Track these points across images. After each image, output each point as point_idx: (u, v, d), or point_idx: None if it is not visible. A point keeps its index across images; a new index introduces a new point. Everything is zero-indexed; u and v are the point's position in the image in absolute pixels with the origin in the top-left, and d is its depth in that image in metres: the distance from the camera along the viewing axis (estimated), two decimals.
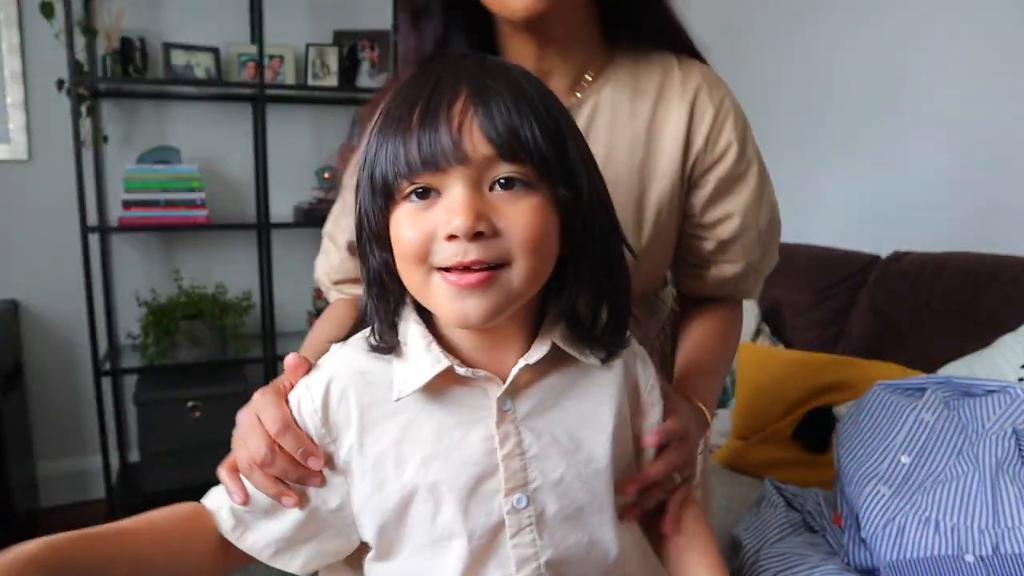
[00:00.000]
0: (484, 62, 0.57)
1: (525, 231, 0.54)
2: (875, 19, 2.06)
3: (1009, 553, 0.94)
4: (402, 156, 0.54)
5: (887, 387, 1.21)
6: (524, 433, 0.59)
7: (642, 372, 0.66)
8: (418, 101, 0.54)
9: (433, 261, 0.54)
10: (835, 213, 2.21)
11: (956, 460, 1.05)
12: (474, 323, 0.55)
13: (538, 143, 0.54)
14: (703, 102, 0.80)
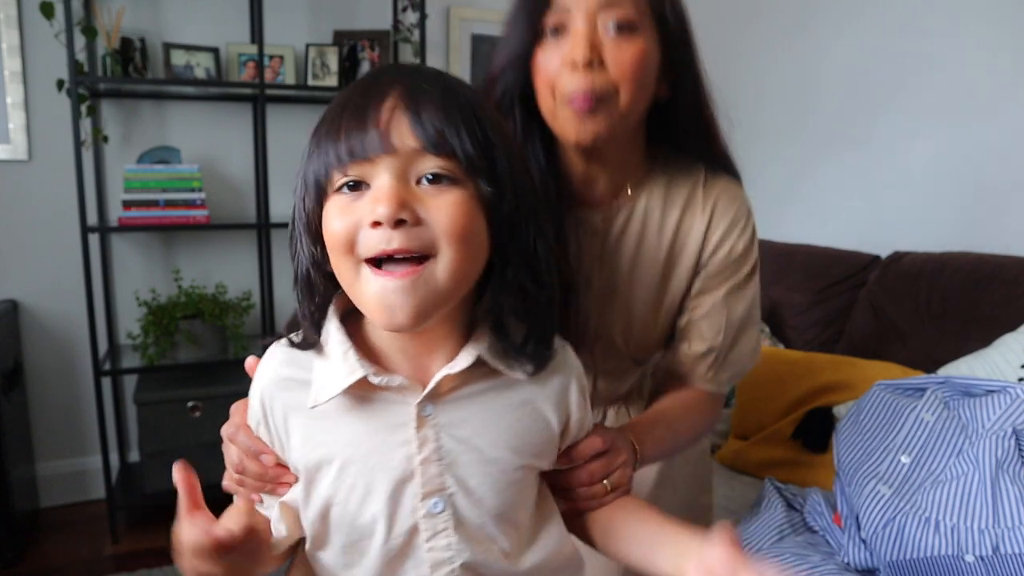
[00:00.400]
0: (420, 69, 0.61)
1: (449, 221, 0.55)
2: (875, 18, 2.06)
3: (1009, 553, 0.94)
4: (333, 150, 0.57)
5: (887, 387, 1.21)
6: (443, 439, 0.60)
7: (576, 403, 0.67)
8: (351, 100, 0.58)
9: (359, 251, 0.55)
10: (835, 213, 2.21)
11: (956, 460, 1.05)
12: (401, 323, 0.55)
13: (464, 141, 0.55)
14: (720, 213, 0.89)
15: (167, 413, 2.32)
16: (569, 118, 0.79)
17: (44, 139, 2.37)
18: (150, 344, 2.31)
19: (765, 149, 2.44)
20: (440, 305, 0.57)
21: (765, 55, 2.45)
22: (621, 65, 0.77)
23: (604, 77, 0.77)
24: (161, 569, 2.11)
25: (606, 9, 0.76)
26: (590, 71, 0.76)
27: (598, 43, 0.77)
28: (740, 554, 0.55)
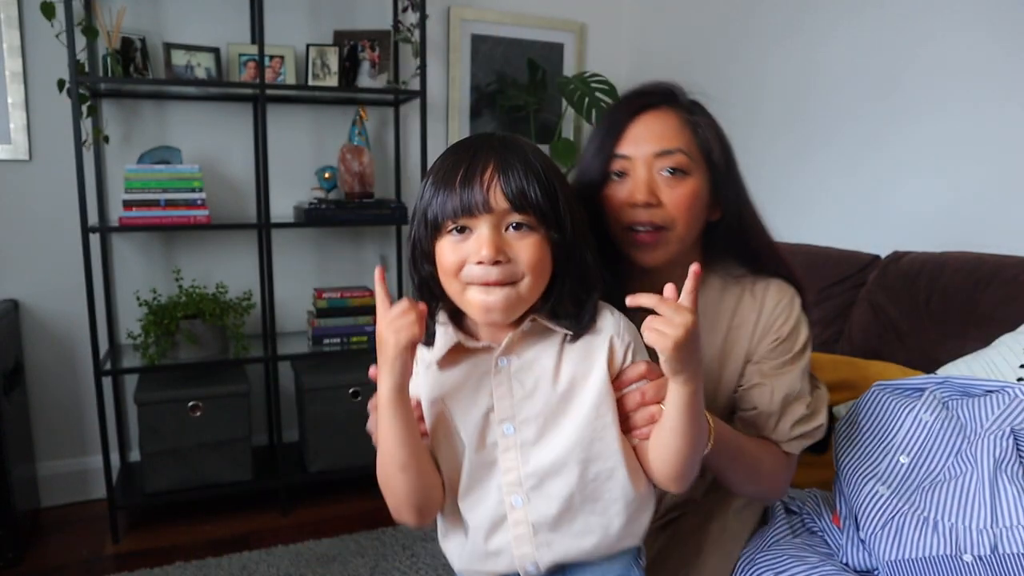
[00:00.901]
0: (506, 141, 0.83)
1: (529, 258, 0.80)
2: (875, 15, 2.06)
3: (1007, 553, 0.94)
4: (448, 204, 0.79)
5: (885, 388, 1.21)
6: (514, 382, 0.84)
7: (618, 352, 0.86)
8: (460, 167, 0.79)
9: (465, 277, 0.80)
10: (835, 213, 2.21)
11: (954, 460, 1.05)
12: (498, 322, 0.83)
13: (539, 200, 0.79)
14: (767, 308, 1.05)
15: (168, 413, 2.32)
16: (633, 244, 0.99)
17: (45, 139, 2.37)
18: (151, 344, 2.31)
19: (763, 149, 2.44)
20: (521, 309, 0.82)
21: (763, 54, 2.45)
22: (676, 202, 0.96)
23: (663, 213, 0.97)
24: (162, 568, 2.12)
25: (661, 159, 0.96)
26: (649, 210, 0.96)
27: (655, 186, 0.96)
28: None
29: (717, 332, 1.05)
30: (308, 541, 2.29)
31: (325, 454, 2.54)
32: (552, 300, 0.84)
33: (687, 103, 1.02)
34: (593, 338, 0.85)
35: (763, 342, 1.04)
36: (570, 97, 2.66)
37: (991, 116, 1.78)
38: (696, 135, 0.99)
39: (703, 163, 0.99)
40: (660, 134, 0.98)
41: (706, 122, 1.01)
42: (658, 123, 0.98)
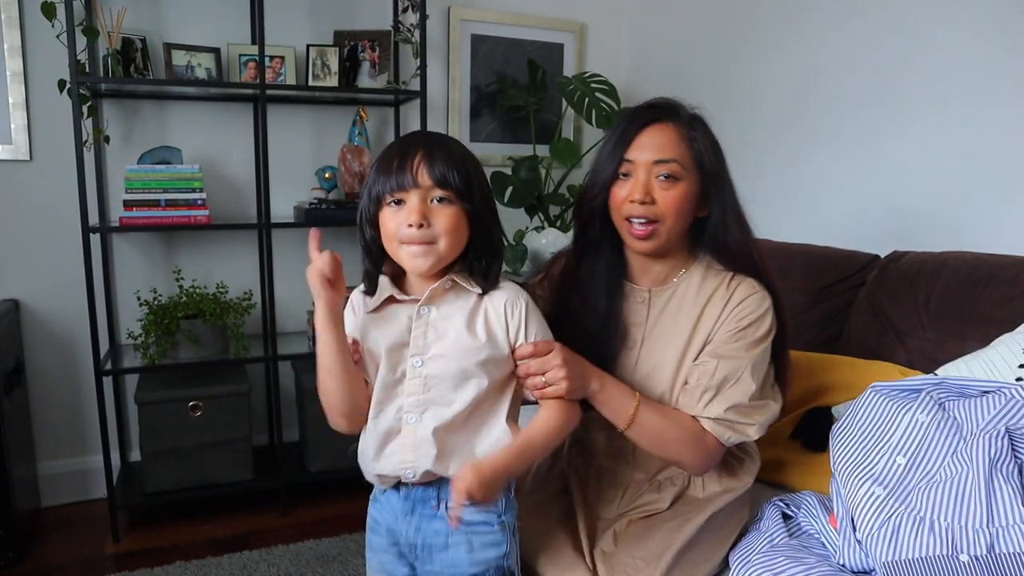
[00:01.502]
0: (433, 136, 1.07)
1: (447, 224, 1.02)
2: (875, 15, 2.06)
3: (1004, 552, 0.94)
4: (387, 183, 1.02)
5: (881, 389, 1.21)
6: (429, 327, 1.07)
7: (511, 315, 1.08)
8: (396, 155, 1.03)
9: (400, 237, 1.02)
10: (834, 213, 2.21)
11: (950, 460, 1.05)
12: (421, 270, 1.04)
13: (455, 180, 1.01)
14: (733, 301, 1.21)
15: (168, 412, 2.33)
16: (629, 234, 1.19)
17: (45, 139, 2.38)
18: (151, 344, 2.31)
19: (763, 148, 2.44)
20: (440, 264, 1.04)
21: (763, 54, 2.45)
22: (667, 202, 1.16)
23: (655, 210, 1.16)
24: (162, 568, 2.12)
25: (658, 167, 1.16)
26: (644, 206, 1.16)
27: (651, 188, 1.16)
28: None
29: (690, 316, 1.22)
30: (308, 541, 2.29)
31: (325, 454, 2.54)
32: (467, 262, 1.07)
33: (687, 118, 1.20)
34: (496, 305, 1.08)
35: (722, 329, 1.19)
36: (570, 97, 2.66)
37: (991, 116, 1.78)
38: (691, 147, 1.18)
39: (695, 170, 1.18)
40: (660, 145, 1.17)
41: (702, 136, 1.19)
42: (660, 136, 1.18)
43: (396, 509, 1.12)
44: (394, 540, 1.13)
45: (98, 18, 2.26)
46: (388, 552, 1.14)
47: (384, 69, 2.63)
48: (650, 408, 1.17)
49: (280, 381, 2.59)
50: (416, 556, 1.11)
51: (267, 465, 2.59)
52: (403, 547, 1.12)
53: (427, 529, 1.09)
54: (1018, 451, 1.03)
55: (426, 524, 1.09)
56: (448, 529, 1.07)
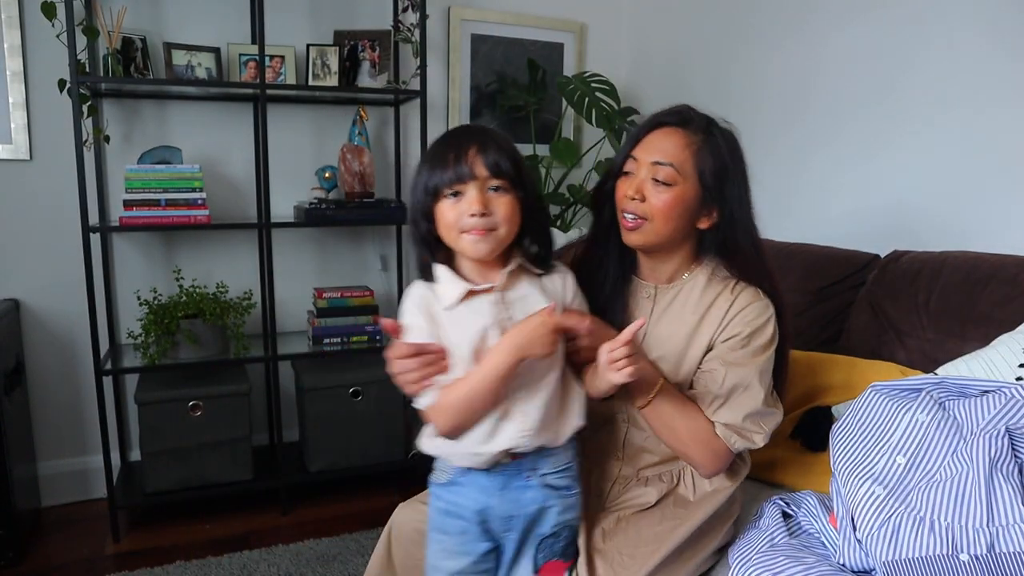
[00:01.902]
0: (482, 129, 1.11)
1: (504, 212, 1.07)
2: (875, 15, 2.06)
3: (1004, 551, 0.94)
4: (444, 176, 1.06)
5: (881, 389, 1.21)
6: (512, 308, 1.11)
7: (567, 288, 1.18)
8: (451, 150, 1.07)
9: (460, 227, 1.06)
10: (834, 213, 2.21)
11: (950, 460, 1.05)
12: (483, 255, 1.08)
13: (509, 169, 1.07)
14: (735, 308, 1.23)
15: (168, 412, 2.33)
16: (622, 225, 1.24)
17: (46, 139, 2.38)
18: (151, 343, 2.31)
19: (763, 148, 2.44)
20: (499, 248, 1.09)
21: (764, 54, 2.45)
22: (656, 203, 1.19)
23: (644, 208, 1.20)
24: (162, 568, 2.12)
25: (655, 168, 1.20)
26: (635, 203, 1.20)
27: (645, 189, 1.20)
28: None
29: (691, 318, 1.24)
30: (308, 540, 2.30)
31: (325, 453, 2.54)
32: (524, 247, 1.14)
33: (702, 128, 1.22)
34: (555, 284, 1.17)
35: (724, 333, 1.21)
36: (570, 97, 2.66)
37: (991, 116, 1.78)
38: (695, 156, 1.19)
39: (694, 179, 1.20)
40: (662, 148, 1.20)
41: (713, 149, 1.20)
42: (665, 140, 1.21)
43: (487, 488, 1.14)
44: (483, 518, 1.15)
45: (98, 18, 2.26)
46: (469, 532, 1.16)
47: (384, 69, 2.63)
48: (670, 395, 1.19)
49: (280, 381, 2.59)
50: (509, 527, 1.16)
51: (267, 465, 2.59)
52: (495, 522, 1.15)
53: (523, 499, 1.15)
54: (1018, 451, 1.03)
55: (521, 494, 1.15)
56: (542, 496, 1.15)
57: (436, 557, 1.19)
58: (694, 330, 1.23)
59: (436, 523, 1.19)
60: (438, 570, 1.18)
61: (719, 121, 1.25)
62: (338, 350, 2.56)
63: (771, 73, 2.43)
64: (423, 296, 1.13)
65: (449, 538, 1.17)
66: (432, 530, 1.20)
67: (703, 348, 1.23)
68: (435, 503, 1.20)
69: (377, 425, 2.59)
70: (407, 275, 2.92)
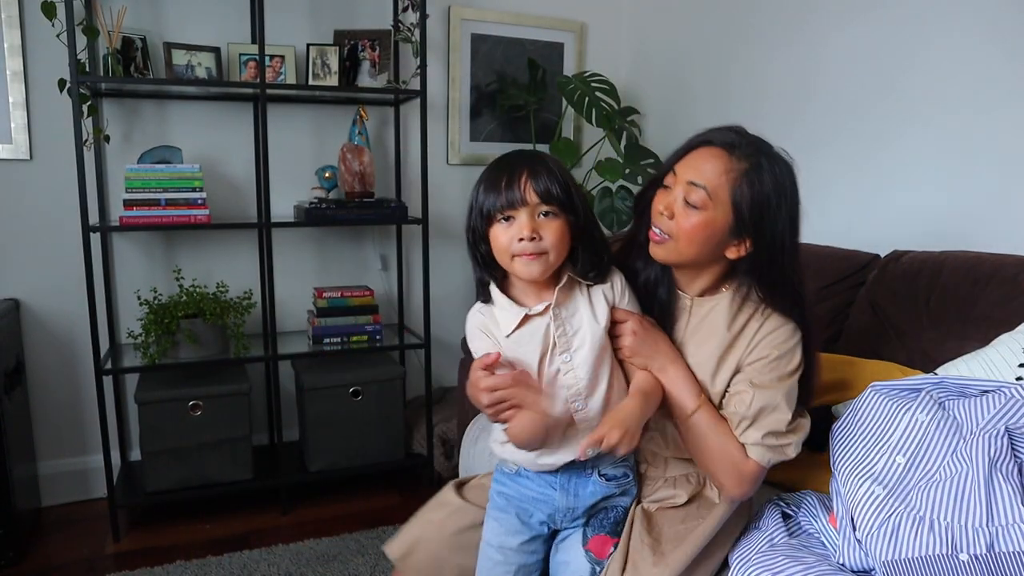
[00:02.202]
0: (534, 155, 1.15)
1: (554, 236, 1.12)
2: (875, 15, 2.06)
3: (1003, 551, 0.94)
4: (497, 201, 1.11)
5: (881, 388, 1.21)
6: (566, 324, 1.17)
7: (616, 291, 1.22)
8: (503, 175, 1.12)
9: (512, 251, 1.12)
10: (834, 212, 2.21)
11: (950, 459, 1.05)
12: (534, 277, 1.13)
13: (559, 195, 1.11)
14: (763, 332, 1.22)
15: (168, 412, 2.33)
16: (651, 239, 1.23)
17: (46, 139, 2.38)
18: (151, 343, 2.31)
19: None
20: (550, 271, 1.14)
21: (764, 54, 2.45)
22: (682, 224, 1.17)
23: (671, 226, 1.18)
24: (162, 567, 2.12)
25: (689, 189, 1.16)
26: (664, 219, 1.19)
27: (675, 207, 1.18)
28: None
29: (723, 337, 1.23)
30: (308, 540, 2.30)
31: (325, 453, 2.54)
32: (578, 264, 1.17)
33: (748, 155, 1.17)
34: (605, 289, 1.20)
35: (752, 355, 1.20)
36: (570, 97, 2.66)
37: (991, 116, 1.78)
38: (731, 183, 1.15)
39: (727, 207, 1.16)
40: (700, 169, 1.16)
41: (755, 179, 1.16)
42: (706, 161, 1.17)
43: (550, 482, 1.22)
44: (544, 509, 1.23)
45: (98, 17, 2.26)
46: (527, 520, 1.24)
47: (384, 68, 2.63)
48: (708, 415, 1.20)
49: (280, 380, 2.59)
50: (570, 518, 1.23)
51: (267, 464, 2.59)
52: (557, 513, 1.23)
53: (584, 493, 1.21)
54: (1018, 450, 1.03)
55: (582, 489, 1.21)
56: (602, 489, 1.22)
57: (492, 534, 1.26)
58: (725, 351, 1.23)
59: (497, 505, 1.27)
60: (491, 545, 1.25)
61: (775, 151, 1.21)
62: (338, 350, 2.56)
63: (771, 73, 2.43)
64: (483, 323, 1.21)
65: (507, 519, 1.25)
66: (492, 509, 1.27)
67: (732, 370, 1.22)
68: (498, 487, 1.27)
69: (377, 425, 2.59)
70: (407, 275, 2.93)
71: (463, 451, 1.98)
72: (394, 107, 2.81)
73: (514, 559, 1.24)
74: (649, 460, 1.32)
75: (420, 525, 1.35)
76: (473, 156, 3.00)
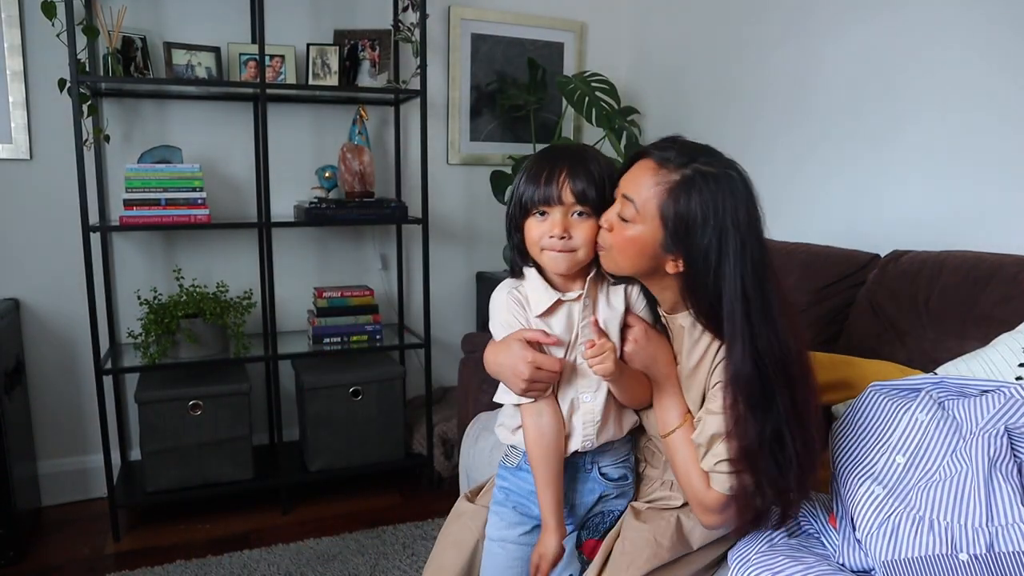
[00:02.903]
0: (577, 153, 1.18)
1: (584, 236, 1.15)
2: (875, 15, 2.06)
3: (1003, 551, 0.94)
4: (535, 195, 1.15)
5: (881, 388, 1.21)
6: (592, 313, 1.19)
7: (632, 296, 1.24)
8: (544, 170, 1.15)
9: (543, 244, 1.16)
10: (835, 212, 2.21)
11: (950, 459, 1.05)
12: (560, 272, 1.18)
13: (594, 198, 1.14)
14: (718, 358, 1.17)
15: (168, 412, 2.33)
16: None
17: (46, 138, 2.38)
18: (151, 343, 2.31)
19: (763, 148, 2.44)
20: (576, 268, 1.18)
21: (764, 53, 2.45)
22: (615, 239, 1.15)
23: (608, 239, 1.16)
24: (162, 567, 2.12)
25: (623, 202, 1.14)
26: (603, 232, 1.17)
27: (612, 220, 1.15)
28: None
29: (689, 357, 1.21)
30: (308, 540, 2.30)
31: (325, 453, 2.55)
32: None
33: (679, 167, 1.10)
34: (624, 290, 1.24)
35: (712, 379, 1.17)
36: (570, 97, 2.66)
37: (991, 116, 1.78)
38: (658, 196, 1.10)
39: (657, 221, 1.10)
40: (633, 182, 1.13)
41: (681, 193, 1.09)
42: (639, 174, 1.13)
43: None
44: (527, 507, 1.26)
45: (98, 17, 2.26)
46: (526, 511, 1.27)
47: (384, 68, 2.63)
48: (683, 438, 1.19)
49: (280, 380, 2.59)
50: (569, 514, 1.25)
51: (267, 464, 2.59)
52: None
53: (583, 488, 1.26)
54: (1017, 450, 1.03)
55: (581, 485, 1.26)
56: (601, 487, 1.26)
57: (492, 529, 1.29)
58: (693, 371, 1.20)
59: (497, 499, 1.30)
60: (492, 540, 1.28)
61: (716, 165, 1.11)
62: (338, 350, 2.56)
63: (771, 72, 2.43)
64: (516, 299, 1.23)
65: (509, 512, 1.28)
66: (493, 504, 1.31)
67: (699, 394, 1.20)
68: (501, 483, 1.31)
69: (377, 425, 2.59)
70: (407, 274, 2.93)
71: (463, 451, 1.98)
72: (394, 107, 2.81)
73: (515, 553, 1.25)
74: (648, 459, 1.33)
75: (440, 544, 1.37)
76: (473, 156, 3.00)
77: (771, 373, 1.08)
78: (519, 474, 1.28)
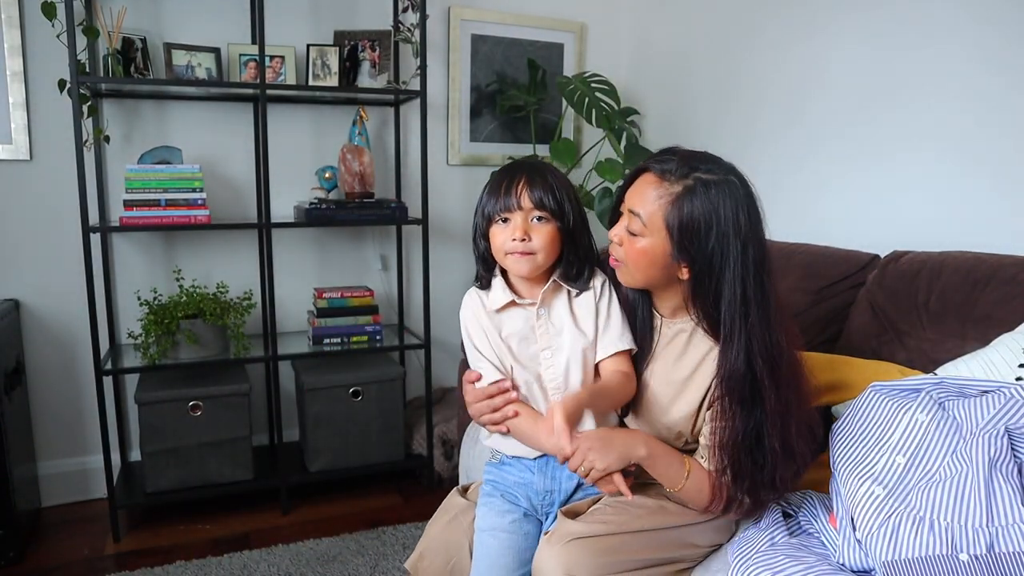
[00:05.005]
0: (534, 165, 1.28)
1: (543, 240, 1.24)
2: (875, 16, 2.06)
3: (1003, 551, 0.94)
4: (497, 204, 1.25)
5: (881, 388, 1.21)
6: (550, 323, 1.29)
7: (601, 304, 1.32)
8: (504, 181, 1.25)
9: (506, 249, 1.24)
10: (835, 212, 2.21)
11: (950, 459, 1.05)
12: (523, 274, 1.27)
13: (551, 203, 1.23)
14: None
15: (168, 412, 2.33)
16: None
17: (46, 139, 2.38)
18: (151, 343, 2.31)
19: (764, 148, 2.44)
20: (538, 270, 1.27)
21: (764, 54, 2.45)
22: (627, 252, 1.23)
23: (621, 253, 1.25)
24: (162, 568, 2.12)
25: (630, 217, 1.21)
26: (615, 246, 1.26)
27: (622, 235, 1.23)
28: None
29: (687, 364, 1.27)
30: (308, 540, 2.30)
31: (325, 453, 2.55)
32: (563, 268, 1.29)
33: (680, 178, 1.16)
34: (587, 296, 1.31)
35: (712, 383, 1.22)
36: (570, 97, 2.66)
37: (990, 116, 1.78)
38: (663, 208, 1.16)
39: (664, 232, 1.17)
40: (639, 197, 1.20)
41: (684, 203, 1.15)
42: (643, 189, 1.20)
43: (529, 466, 1.32)
44: (526, 491, 1.32)
45: (98, 18, 2.27)
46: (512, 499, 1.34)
47: (384, 69, 2.63)
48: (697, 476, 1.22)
49: (280, 381, 2.59)
50: (549, 501, 1.32)
51: (267, 465, 2.59)
52: (535, 496, 1.32)
53: (560, 476, 1.31)
54: (1017, 451, 1.03)
55: (559, 472, 1.31)
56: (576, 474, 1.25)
57: (483, 520, 1.33)
58: (688, 378, 1.27)
59: (485, 491, 1.37)
60: (483, 531, 1.31)
61: (717, 172, 1.15)
62: (338, 350, 2.56)
63: (772, 73, 2.43)
64: (476, 304, 1.34)
65: (498, 500, 1.34)
66: (482, 496, 1.36)
67: (697, 400, 1.25)
68: (487, 478, 1.38)
69: (377, 425, 2.59)
70: (407, 275, 2.93)
71: (463, 451, 1.98)
72: (394, 107, 2.81)
73: (507, 541, 1.29)
74: None
75: (429, 533, 1.39)
76: (473, 156, 3.00)
77: (761, 373, 1.14)
78: (503, 468, 1.35)
